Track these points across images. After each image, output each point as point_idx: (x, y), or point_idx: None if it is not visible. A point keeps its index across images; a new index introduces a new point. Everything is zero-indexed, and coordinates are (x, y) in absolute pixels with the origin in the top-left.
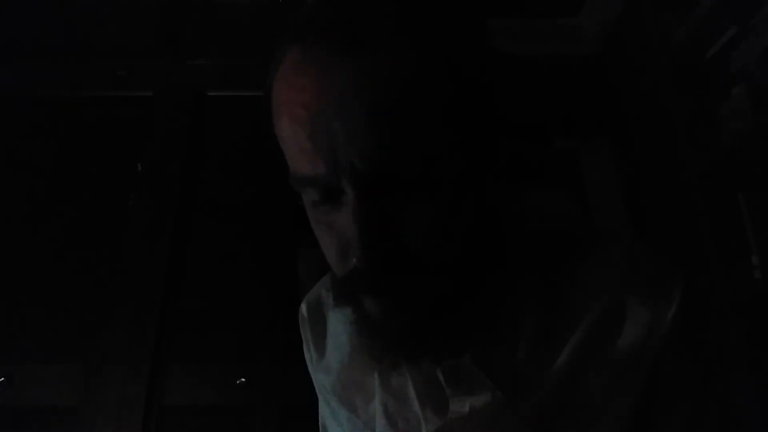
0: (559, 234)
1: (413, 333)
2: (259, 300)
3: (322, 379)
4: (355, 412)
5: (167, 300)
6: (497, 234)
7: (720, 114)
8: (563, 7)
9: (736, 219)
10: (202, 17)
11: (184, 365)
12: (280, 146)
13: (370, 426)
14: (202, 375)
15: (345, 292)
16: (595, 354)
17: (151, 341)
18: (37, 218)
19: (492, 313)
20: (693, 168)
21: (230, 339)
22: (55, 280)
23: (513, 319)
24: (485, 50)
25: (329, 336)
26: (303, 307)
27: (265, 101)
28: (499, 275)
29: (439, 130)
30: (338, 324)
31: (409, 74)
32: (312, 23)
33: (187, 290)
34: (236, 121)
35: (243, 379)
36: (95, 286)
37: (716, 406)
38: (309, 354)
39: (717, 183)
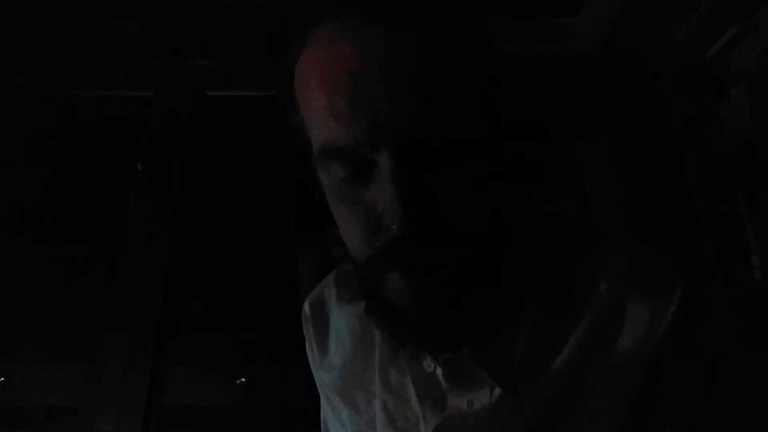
0: (559, 233)
1: (434, 317)
2: (259, 300)
3: (324, 378)
4: (357, 411)
5: (167, 300)
6: (500, 230)
7: (720, 114)
8: (563, 7)
9: (736, 219)
10: (202, 17)
11: (184, 365)
12: (302, 127)
13: (372, 424)
14: (202, 375)
15: (371, 269)
16: (595, 352)
17: (151, 341)
18: (37, 218)
19: (493, 306)
20: (693, 168)
21: (230, 339)
22: (55, 280)
23: (513, 315)
24: (493, 48)
25: (332, 335)
26: (306, 306)
27: (286, 82)
28: (501, 270)
29: (471, 105)
30: (341, 322)
31: (442, 49)
32: (342, 1)
33: (187, 290)
34: (236, 121)
35: (243, 379)
36: (95, 286)
37: (716, 406)
38: (311, 353)
39: (717, 183)
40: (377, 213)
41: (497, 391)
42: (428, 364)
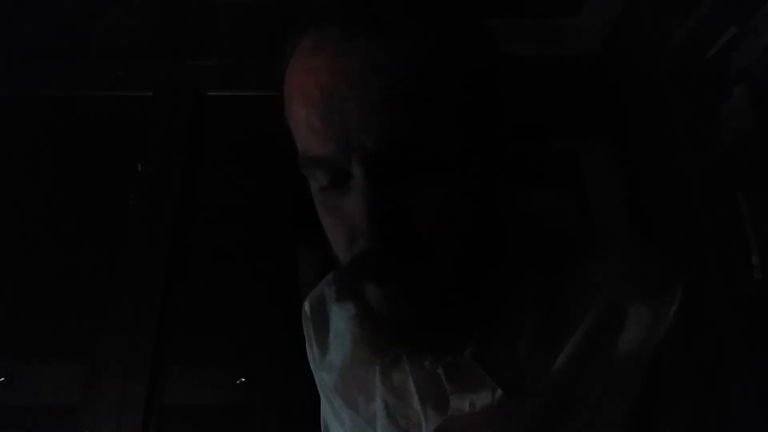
0: (559, 234)
1: (417, 325)
2: (259, 300)
3: (324, 378)
4: (357, 410)
5: (167, 300)
6: (498, 231)
7: (720, 114)
8: (563, 7)
9: (736, 219)
10: (202, 17)
11: (184, 365)
12: (291, 131)
13: (372, 424)
14: (202, 375)
15: (348, 279)
16: (596, 353)
17: (151, 341)
18: (37, 218)
19: (493, 309)
20: (693, 168)
21: (230, 339)
22: (56, 280)
23: (514, 316)
24: (492, 49)
25: (332, 334)
26: (306, 306)
27: (278, 86)
28: (499, 272)
29: (450, 116)
30: (341, 322)
31: (422, 59)
32: (327, 8)
33: (187, 290)
34: (236, 121)
35: (243, 379)
36: (95, 286)
37: (716, 406)
38: (311, 352)
39: (717, 183)
40: (354, 224)
41: (499, 392)
42: (430, 365)
